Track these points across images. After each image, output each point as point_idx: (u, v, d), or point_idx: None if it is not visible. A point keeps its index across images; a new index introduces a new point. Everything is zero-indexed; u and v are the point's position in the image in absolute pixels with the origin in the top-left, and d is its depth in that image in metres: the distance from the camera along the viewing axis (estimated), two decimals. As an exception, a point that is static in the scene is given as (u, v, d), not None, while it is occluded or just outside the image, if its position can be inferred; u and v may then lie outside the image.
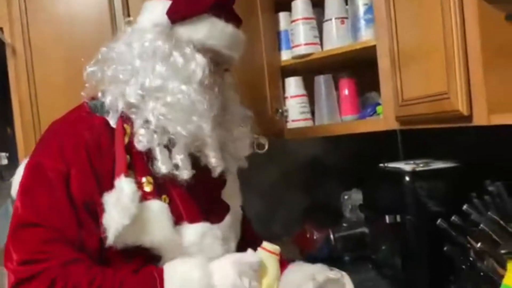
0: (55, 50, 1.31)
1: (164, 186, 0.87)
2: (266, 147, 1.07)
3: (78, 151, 0.82)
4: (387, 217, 1.25)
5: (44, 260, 0.77)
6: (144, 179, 0.85)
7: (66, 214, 0.79)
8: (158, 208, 0.84)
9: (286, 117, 1.57)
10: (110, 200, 0.79)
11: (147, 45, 0.88)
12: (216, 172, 0.91)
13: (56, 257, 0.77)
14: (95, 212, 0.81)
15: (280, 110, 1.54)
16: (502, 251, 0.80)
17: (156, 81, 0.86)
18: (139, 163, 0.85)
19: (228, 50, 0.93)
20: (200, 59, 0.88)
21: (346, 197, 1.71)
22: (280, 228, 1.77)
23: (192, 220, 0.89)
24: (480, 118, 0.91)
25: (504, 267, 0.86)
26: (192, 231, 0.88)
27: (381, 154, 1.43)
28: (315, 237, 1.64)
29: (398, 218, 1.24)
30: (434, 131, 1.51)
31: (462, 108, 0.93)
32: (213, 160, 0.90)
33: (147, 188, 0.85)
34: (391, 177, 1.30)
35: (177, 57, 0.87)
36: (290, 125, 1.57)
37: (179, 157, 0.87)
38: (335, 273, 0.96)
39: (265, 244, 0.96)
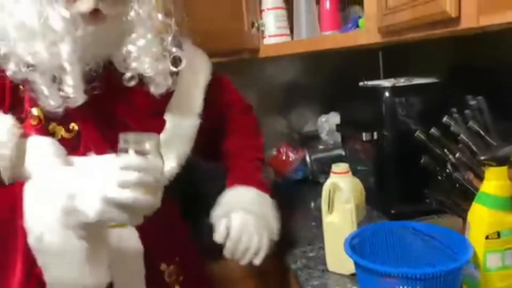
0: None
1: (69, 113, 0.79)
2: (183, 64, 0.88)
3: None
4: (364, 135, 1.21)
5: None
6: (34, 110, 0.78)
7: None
8: (41, 143, 0.77)
9: (263, 32, 1.47)
10: None
11: None
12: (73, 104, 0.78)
13: None
14: None
15: (256, 24, 1.44)
16: (482, 158, 0.76)
17: None
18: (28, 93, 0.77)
19: None
20: None
21: (323, 119, 1.66)
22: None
23: (99, 151, 0.79)
24: (469, 20, 0.84)
25: (481, 178, 0.84)
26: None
27: (361, 76, 1.36)
28: (290, 159, 1.62)
29: (375, 135, 1.20)
30: (415, 49, 1.45)
31: (450, 9, 0.85)
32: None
33: (33, 122, 0.78)
34: (370, 93, 1.25)
35: None
36: (267, 41, 1.47)
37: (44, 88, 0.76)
38: None
39: (333, 167, 0.93)
